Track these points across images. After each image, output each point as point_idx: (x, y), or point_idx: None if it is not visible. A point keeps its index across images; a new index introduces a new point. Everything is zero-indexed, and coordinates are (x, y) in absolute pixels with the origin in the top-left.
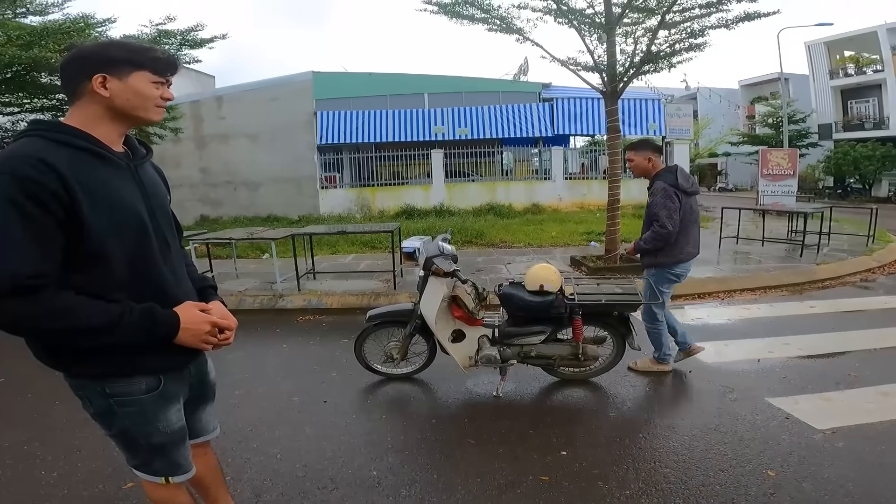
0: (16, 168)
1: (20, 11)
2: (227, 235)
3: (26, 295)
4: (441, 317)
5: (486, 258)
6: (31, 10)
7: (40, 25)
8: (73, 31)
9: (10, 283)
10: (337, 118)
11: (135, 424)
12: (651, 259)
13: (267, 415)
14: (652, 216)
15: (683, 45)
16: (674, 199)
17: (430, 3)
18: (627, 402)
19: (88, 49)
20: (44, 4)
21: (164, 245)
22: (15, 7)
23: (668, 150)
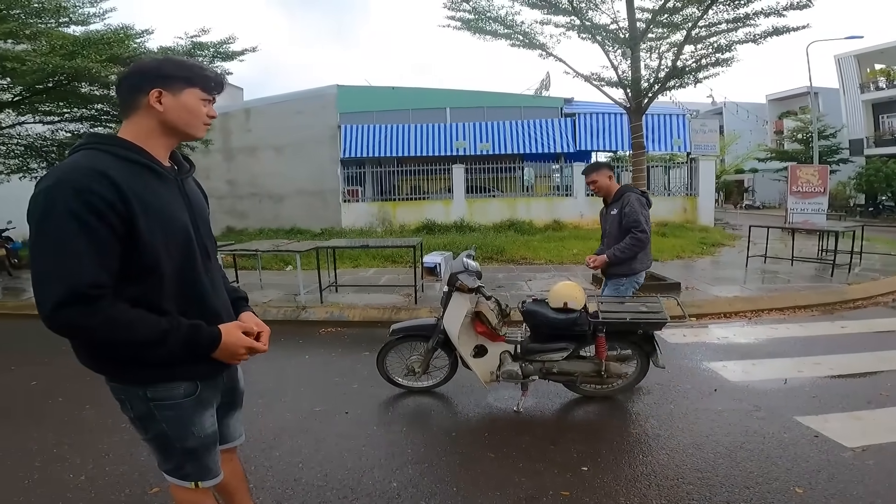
0: (77, 181)
1: (63, 21)
2: (254, 247)
3: (86, 305)
4: (464, 332)
5: (506, 274)
6: (74, 20)
7: (82, 35)
8: (113, 42)
9: (72, 293)
10: (360, 132)
11: (171, 428)
12: (625, 268)
13: (290, 424)
14: (631, 224)
15: (710, 59)
16: (646, 208)
17: (453, 19)
18: (650, 420)
19: (147, 64)
20: (86, 14)
21: (205, 257)
22: (58, 17)
23: (693, 166)
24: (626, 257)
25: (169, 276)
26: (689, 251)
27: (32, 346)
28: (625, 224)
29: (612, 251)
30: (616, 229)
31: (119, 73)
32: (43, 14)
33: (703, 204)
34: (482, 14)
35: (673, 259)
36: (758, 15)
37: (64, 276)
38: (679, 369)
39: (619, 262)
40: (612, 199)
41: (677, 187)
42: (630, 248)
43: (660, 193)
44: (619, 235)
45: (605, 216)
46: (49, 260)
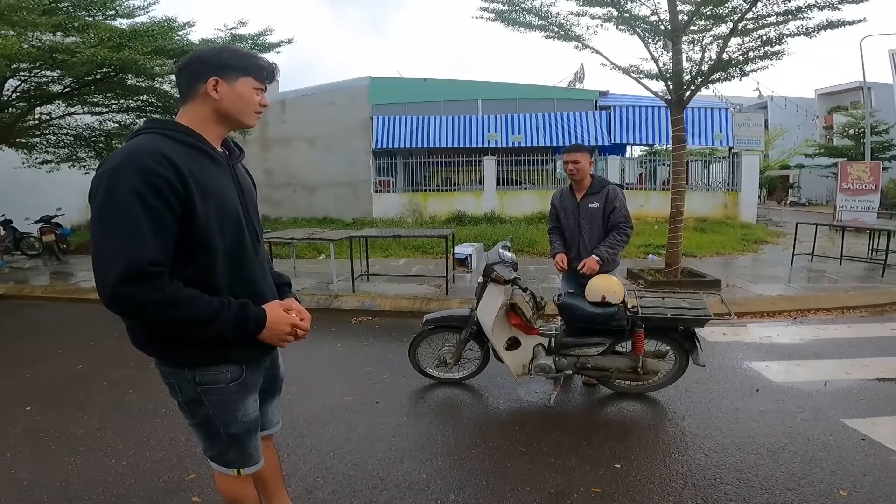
0: (141, 162)
1: (110, 14)
2: (289, 235)
3: (144, 282)
4: (498, 324)
5: (538, 267)
6: (120, 13)
7: (129, 28)
8: (157, 34)
9: (133, 269)
10: (392, 123)
11: (217, 413)
12: (611, 265)
13: (322, 412)
14: (620, 219)
15: (758, 52)
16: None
17: (486, 10)
18: (687, 418)
19: (206, 52)
20: (131, 7)
21: (255, 240)
22: (105, 9)
23: (735, 160)
24: (616, 252)
25: (221, 257)
26: (729, 248)
27: (80, 331)
28: (613, 219)
29: (603, 251)
30: (599, 224)
31: (179, 61)
32: (90, 7)
33: (745, 200)
34: (516, 5)
35: (712, 256)
36: (810, 8)
37: (125, 253)
38: (719, 368)
39: (610, 261)
40: (587, 190)
41: (718, 182)
42: (620, 244)
43: (698, 188)
44: (601, 231)
45: (580, 209)
46: (111, 238)
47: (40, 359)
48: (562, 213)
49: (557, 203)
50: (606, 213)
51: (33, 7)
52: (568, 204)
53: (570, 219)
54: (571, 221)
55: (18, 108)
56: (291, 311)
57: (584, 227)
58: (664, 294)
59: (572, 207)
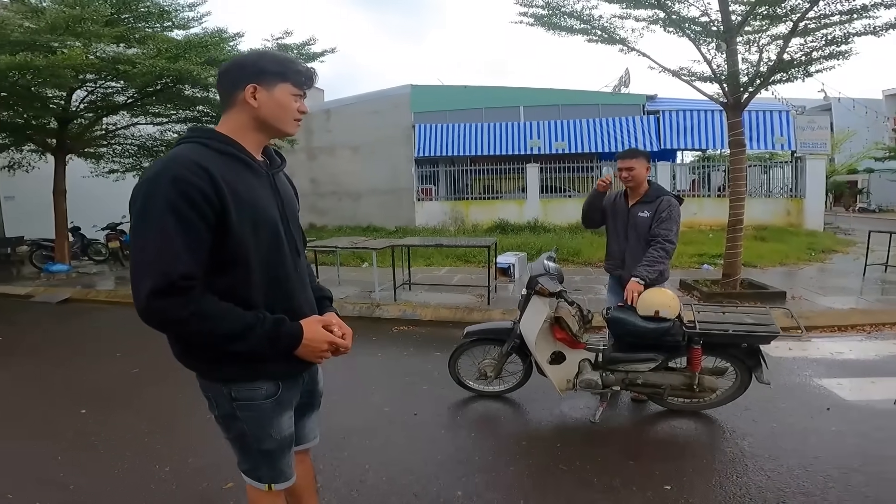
0: (176, 172)
1: (167, 25)
2: (333, 244)
3: (177, 296)
4: (542, 338)
5: (583, 277)
6: (176, 25)
7: (184, 39)
8: (210, 45)
9: (165, 282)
10: (434, 131)
11: (251, 429)
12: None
13: (359, 423)
14: (661, 232)
15: (822, 52)
16: (680, 217)
17: (525, 15)
18: (748, 437)
19: (245, 59)
20: (186, 19)
21: (294, 252)
22: (163, 21)
23: (798, 165)
24: (657, 273)
25: (256, 269)
26: (794, 257)
27: (139, 335)
28: (653, 231)
29: (643, 272)
30: (646, 234)
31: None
32: (149, 18)
33: (810, 206)
34: (556, 9)
35: (775, 266)
36: (877, 6)
37: (158, 266)
38: (784, 385)
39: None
40: (641, 198)
41: (779, 188)
42: (658, 261)
43: (758, 194)
44: (646, 242)
45: (629, 216)
46: (146, 250)
47: (100, 361)
48: (610, 217)
49: (609, 204)
50: (653, 224)
51: (96, 18)
52: (619, 208)
53: (619, 224)
54: (619, 227)
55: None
56: (332, 326)
57: (631, 236)
58: (725, 307)
59: (622, 212)
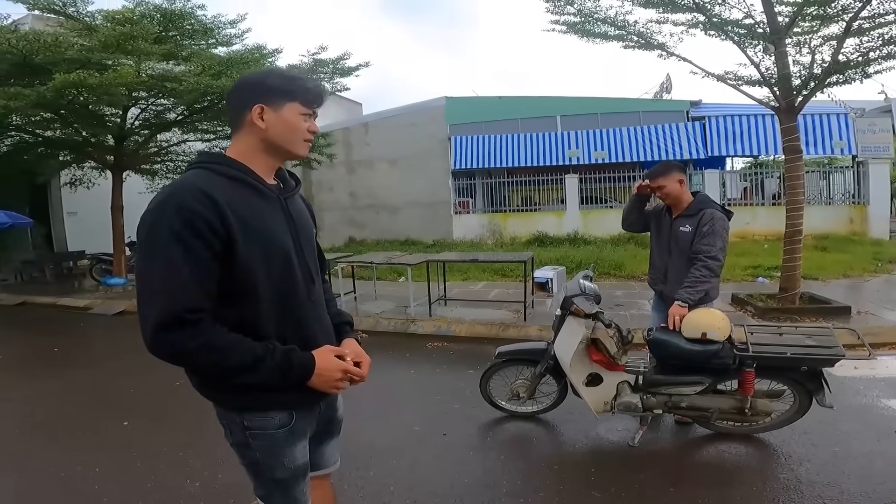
0: (180, 200)
1: (211, 43)
2: (369, 259)
3: (185, 328)
4: (577, 360)
5: (626, 292)
6: (220, 42)
7: (226, 56)
8: (250, 62)
9: (170, 316)
10: (470, 143)
11: (264, 457)
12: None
13: (387, 443)
14: (703, 249)
15: (880, 52)
16: (728, 231)
17: (557, 23)
18: (805, 463)
19: (252, 78)
20: (228, 36)
21: (308, 279)
22: (207, 38)
23: (860, 170)
24: (703, 293)
25: (267, 299)
26: (858, 269)
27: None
28: (696, 246)
29: (686, 294)
30: (686, 249)
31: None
32: (194, 35)
33: (874, 213)
34: (589, 16)
35: (838, 278)
36: None
37: (162, 299)
38: (848, 407)
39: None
40: (683, 211)
41: (840, 194)
42: (702, 281)
43: (817, 202)
44: (689, 258)
45: (672, 230)
46: (152, 280)
47: (146, 373)
48: (654, 228)
49: (654, 215)
50: (695, 239)
51: (146, 36)
52: (663, 221)
53: (663, 237)
54: (663, 240)
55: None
56: (347, 355)
57: (674, 251)
58: (782, 326)
59: (666, 226)
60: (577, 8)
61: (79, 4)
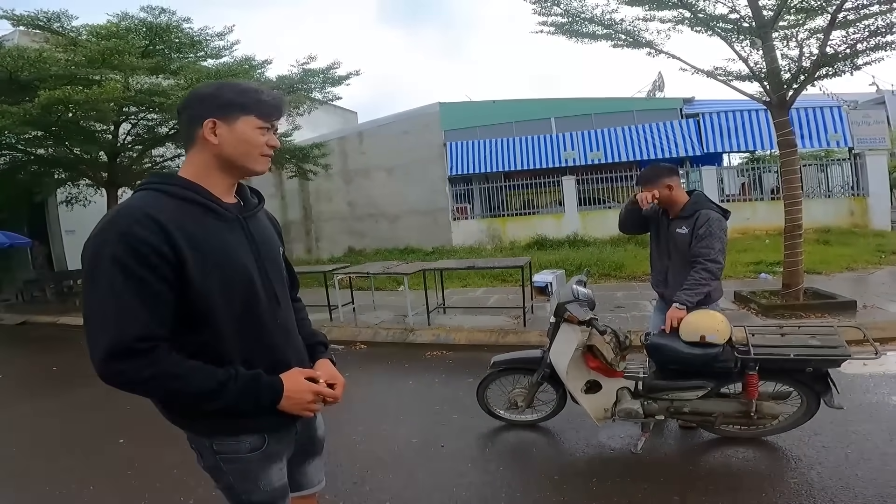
0: (123, 226)
1: (200, 55)
2: (366, 270)
3: (135, 359)
4: (574, 366)
5: (626, 293)
6: (208, 54)
7: (214, 68)
8: (239, 73)
9: (118, 347)
10: (465, 148)
11: (238, 481)
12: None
13: (384, 456)
14: (701, 252)
15: (867, 44)
16: (726, 231)
17: (545, 24)
18: (816, 467)
19: (202, 91)
20: (217, 48)
21: (273, 302)
22: (196, 51)
23: (857, 162)
24: (702, 296)
25: (228, 324)
26: (862, 261)
27: None
28: (694, 249)
29: (685, 297)
30: (685, 252)
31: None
32: (182, 48)
33: (874, 205)
34: (576, 16)
35: (842, 272)
36: None
37: (110, 328)
38: (859, 406)
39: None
40: (679, 213)
41: (839, 187)
42: (700, 284)
43: (816, 195)
44: (687, 261)
45: (669, 232)
46: (97, 311)
47: None
48: (652, 230)
49: (653, 216)
50: (692, 242)
51: (132, 51)
52: (661, 223)
53: (661, 239)
54: (662, 242)
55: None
56: (319, 377)
57: (673, 253)
58: (784, 326)
59: (664, 227)
60: (564, 8)
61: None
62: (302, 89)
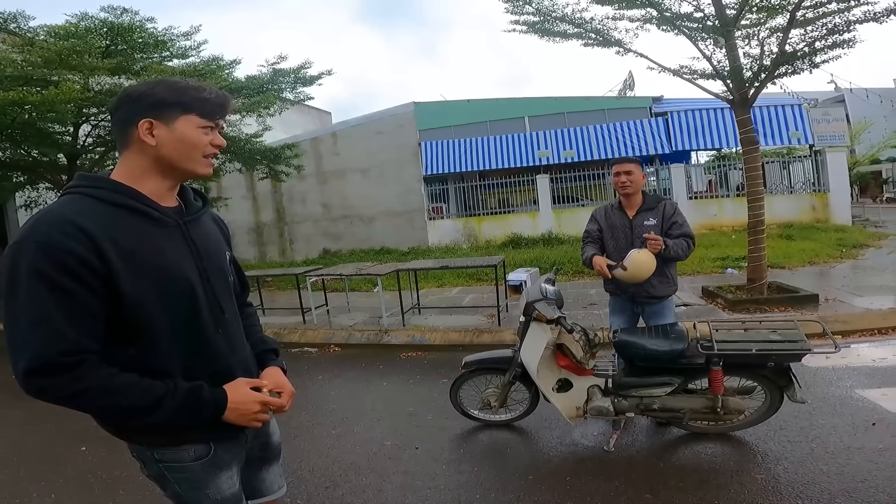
0: (44, 234)
1: (165, 55)
2: (338, 271)
3: (59, 374)
4: (544, 365)
5: (599, 290)
6: (174, 54)
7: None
8: (206, 73)
9: (41, 362)
10: (440, 148)
11: (185, 491)
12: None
13: (358, 458)
14: (685, 233)
15: (825, 42)
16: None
17: (517, 23)
18: (783, 461)
19: (136, 90)
20: (184, 48)
21: (217, 310)
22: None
23: (818, 159)
24: (674, 257)
25: (166, 336)
26: (823, 255)
27: None
28: (674, 234)
29: (670, 242)
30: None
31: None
32: (146, 49)
33: (835, 200)
34: (547, 15)
35: (804, 266)
36: None
37: (31, 343)
38: (823, 399)
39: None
40: (641, 206)
41: (801, 183)
42: (682, 250)
43: (779, 191)
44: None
45: (633, 227)
46: (17, 326)
47: None
48: (608, 232)
49: (602, 220)
50: (664, 231)
51: (91, 51)
52: (617, 221)
53: (620, 238)
54: (622, 241)
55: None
56: (264, 386)
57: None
58: (746, 322)
59: (623, 225)
60: (536, 7)
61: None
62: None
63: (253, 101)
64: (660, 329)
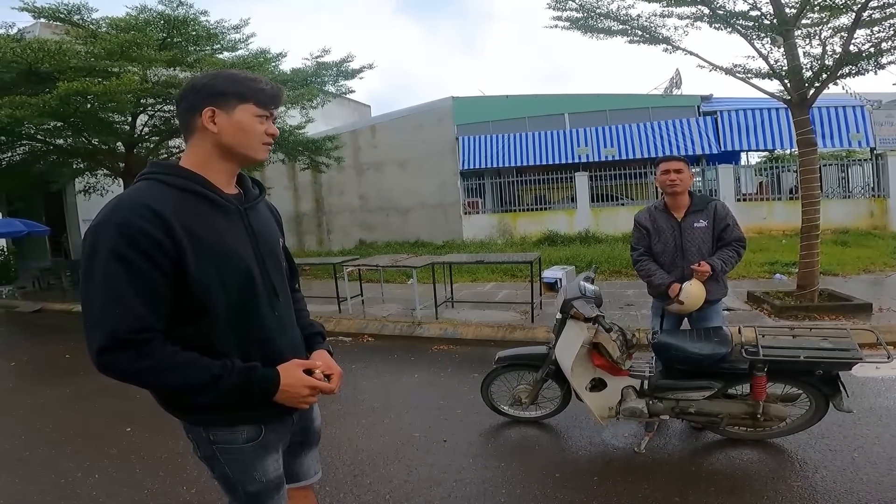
0: (122, 217)
1: (216, 48)
2: (375, 262)
3: (129, 350)
4: (579, 364)
5: (637, 290)
6: (225, 47)
7: (229, 61)
8: (254, 66)
9: (113, 338)
10: (478, 142)
11: (233, 471)
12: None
13: (386, 449)
14: (735, 238)
15: (892, 43)
16: None
17: (560, 19)
18: (821, 470)
19: (200, 81)
20: (234, 41)
21: (272, 293)
22: (212, 44)
23: (879, 163)
24: (727, 271)
25: (225, 316)
26: (880, 263)
27: None
28: (727, 238)
29: (717, 262)
30: (709, 246)
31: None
32: (199, 41)
33: (895, 207)
34: (591, 11)
35: (859, 273)
36: None
37: (107, 321)
38: (869, 409)
39: (721, 274)
40: (689, 207)
41: (859, 188)
42: (732, 261)
43: (835, 195)
44: (710, 254)
45: (682, 230)
46: (93, 303)
47: None
48: (655, 236)
49: (648, 224)
50: (717, 233)
51: (150, 43)
52: (664, 224)
53: (669, 241)
54: (670, 244)
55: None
56: (316, 367)
57: (690, 250)
58: (795, 328)
59: (670, 228)
60: (579, 3)
61: (83, 12)
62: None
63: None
64: (703, 332)
